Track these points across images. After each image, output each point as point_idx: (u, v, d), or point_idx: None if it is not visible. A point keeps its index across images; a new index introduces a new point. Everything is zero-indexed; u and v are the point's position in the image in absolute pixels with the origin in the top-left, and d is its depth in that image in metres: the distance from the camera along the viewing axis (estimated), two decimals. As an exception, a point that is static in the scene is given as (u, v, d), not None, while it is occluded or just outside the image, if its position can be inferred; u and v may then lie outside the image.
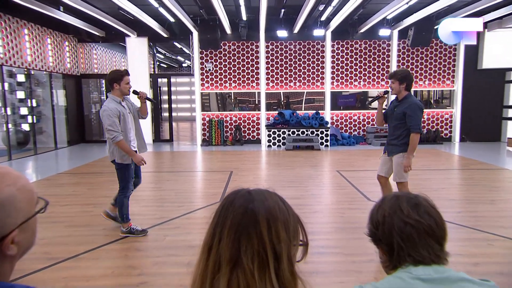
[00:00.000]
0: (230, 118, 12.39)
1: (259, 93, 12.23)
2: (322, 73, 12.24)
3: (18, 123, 10.34)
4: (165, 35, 11.87)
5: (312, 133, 11.19)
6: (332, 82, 12.23)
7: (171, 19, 10.95)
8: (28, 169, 8.45)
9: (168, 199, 5.57)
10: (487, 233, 4.15)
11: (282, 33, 11.55)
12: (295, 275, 0.84)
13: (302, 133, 11.22)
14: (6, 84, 9.38)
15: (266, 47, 12.15)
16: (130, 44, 12.01)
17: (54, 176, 7.47)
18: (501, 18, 10.57)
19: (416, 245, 1.08)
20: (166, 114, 13.76)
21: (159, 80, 13.35)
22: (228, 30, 11.62)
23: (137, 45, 11.99)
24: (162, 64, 22.42)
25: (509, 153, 9.93)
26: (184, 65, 24.12)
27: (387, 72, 12.13)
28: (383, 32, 11.56)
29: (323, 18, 10.82)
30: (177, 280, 3.15)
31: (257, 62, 12.17)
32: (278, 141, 11.43)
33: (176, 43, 15.47)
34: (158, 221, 4.61)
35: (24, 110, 10.29)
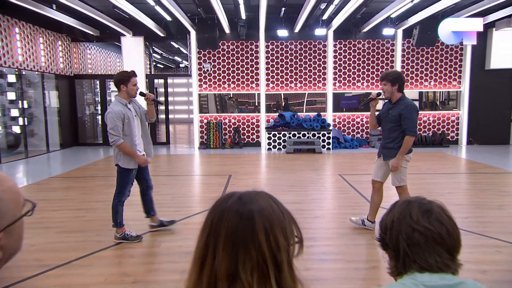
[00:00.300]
0: (229, 120, 12.39)
1: (259, 94, 12.25)
2: (324, 73, 12.25)
3: (8, 125, 10.34)
4: (161, 35, 11.89)
5: (313, 135, 11.18)
6: (334, 83, 12.24)
7: (168, 18, 10.97)
8: (18, 173, 8.43)
9: (164, 204, 5.55)
10: (496, 239, 4.13)
11: (282, 32, 11.57)
12: (296, 280, 0.83)
13: (303, 135, 11.21)
14: (-4, 84, 9.41)
15: (266, 47, 12.17)
16: (125, 43, 12.03)
17: (46, 180, 7.46)
18: (509, 16, 10.59)
19: (422, 251, 1.07)
20: (162, 116, 13.77)
21: (156, 81, 13.38)
22: (226, 29, 11.64)
23: (132, 44, 12.01)
24: (158, 64, 22.44)
25: (517, 156, 9.93)
26: (181, 65, 24.15)
27: (391, 72, 12.12)
28: (387, 31, 11.58)
29: (325, 17, 10.84)
30: (173, 288, 3.14)
31: (256, 63, 12.19)
32: (279, 144, 11.42)
33: (173, 43, 15.49)
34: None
35: (15, 112, 10.29)
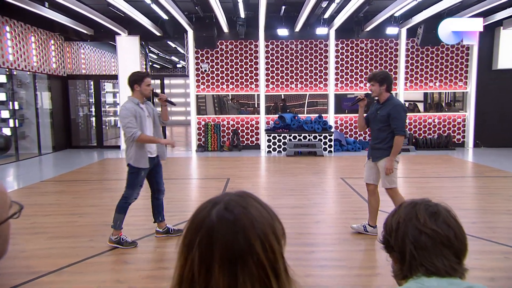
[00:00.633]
0: (227, 122, 12.40)
1: (258, 95, 12.26)
2: (326, 74, 12.27)
3: (-1, 127, 10.34)
4: (158, 34, 11.91)
5: (314, 138, 11.19)
6: (336, 84, 12.26)
7: (165, 17, 10.99)
8: (9, 176, 8.42)
9: (159, 209, 5.53)
10: (504, 245, 4.12)
11: (282, 31, 11.60)
12: (292, 282, 0.82)
13: (304, 138, 11.22)
14: (-14, 85, 9.40)
15: (266, 47, 12.20)
16: (120, 43, 12.06)
17: (37, 184, 7.44)
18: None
19: (430, 255, 1.07)
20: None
21: (152, 81, 13.35)
22: (225, 28, 11.67)
23: (128, 44, 12.03)
24: (155, 64, 22.49)
25: (526, 159, 9.93)
26: (178, 65, 24.20)
27: (395, 73, 12.17)
28: (391, 30, 11.61)
29: (327, 15, 10.88)
30: (167, 295, 3.11)
31: (256, 63, 12.21)
32: (279, 146, 11.42)
33: (169, 42, 15.53)
34: (149, 231, 4.58)
35: (5, 113, 10.27)
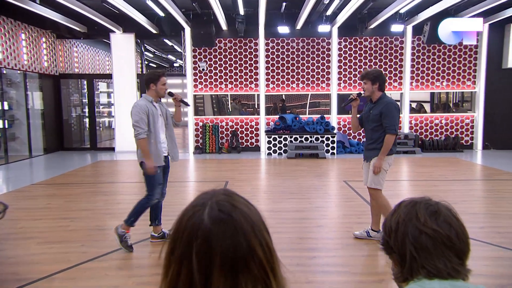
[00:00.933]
0: (226, 123, 12.40)
1: (258, 95, 12.26)
2: (328, 73, 12.28)
3: (-13, 129, 10.34)
4: (154, 31, 11.93)
5: (316, 139, 11.18)
6: (339, 83, 12.27)
7: (161, 14, 11.01)
8: (-2, 179, 8.42)
9: (154, 213, 5.52)
10: (514, 250, 4.11)
11: (283, 29, 11.62)
12: (283, 279, 0.81)
13: (306, 139, 11.21)
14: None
15: (266, 45, 12.21)
16: (115, 41, 12.07)
17: (27, 187, 7.44)
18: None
19: (431, 256, 1.06)
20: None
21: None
22: (223, 26, 11.68)
23: (123, 42, 12.05)
24: (151, 63, 22.53)
25: (537, 162, 9.92)
26: (175, 64, 24.23)
27: (401, 72, 12.18)
28: (396, 27, 11.62)
29: (329, 12, 10.89)
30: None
31: (256, 62, 12.22)
32: (279, 148, 11.42)
33: (166, 40, 15.56)
34: (143, 236, 4.57)
35: (-6, 114, 10.29)
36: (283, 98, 12.54)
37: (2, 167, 9.64)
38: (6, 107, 10.49)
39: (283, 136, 11.34)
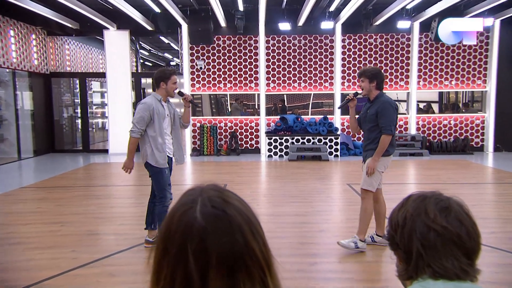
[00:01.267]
0: (225, 124, 12.41)
1: (258, 95, 12.28)
2: (331, 72, 12.30)
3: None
4: (149, 28, 11.95)
5: (319, 141, 11.18)
6: (342, 83, 12.28)
7: (157, 10, 11.05)
8: (-14, 182, 8.41)
9: (149, 217, 5.52)
10: (526, 256, 4.11)
11: (284, 25, 11.64)
12: (278, 278, 0.82)
13: (308, 141, 11.21)
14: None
15: (267, 42, 12.24)
16: (108, 38, 12.09)
17: (16, 190, 7.43)
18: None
19: (439, 254, 1.05)
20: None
21: (143, 80, 13.39)
22: (222, 22, 11.71)
23: (116, 39, 12.07)
24: (146, 62, 22.55)
25: (551, 164, 9.91)
26: (172, 63, 24.26)
27: (407, 70, 12.19)
28: (402, 24, 11.64)
29: (332, 8, 10.92)
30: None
31: (256, 60, 12.24)
32: (280, 150, 11.42)
33: (162, 38, 15.56)
34: (137, 241, 4.58)
35: (-18, 114, 10.32)
36: (283, 98, 12.56)
37: (-10, 170, 9.65)
38: (-6, 107, 10.52)
39: (284, 137, 11.34)
